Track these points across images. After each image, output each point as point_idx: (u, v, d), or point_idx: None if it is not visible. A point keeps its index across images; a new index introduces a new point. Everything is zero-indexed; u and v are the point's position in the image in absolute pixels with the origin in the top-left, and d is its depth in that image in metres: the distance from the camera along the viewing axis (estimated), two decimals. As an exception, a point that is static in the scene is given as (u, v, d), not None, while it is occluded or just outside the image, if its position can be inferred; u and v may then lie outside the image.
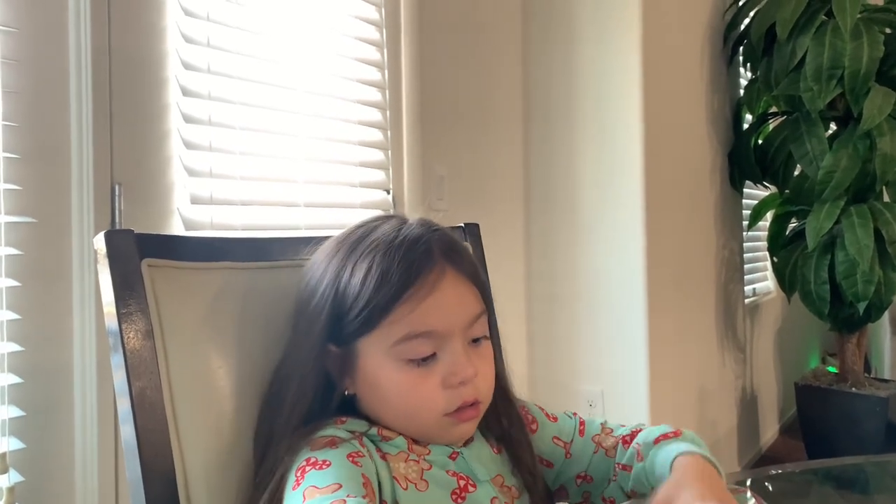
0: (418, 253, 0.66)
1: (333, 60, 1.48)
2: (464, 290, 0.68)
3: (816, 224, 2.37)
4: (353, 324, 0.66)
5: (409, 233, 0.67)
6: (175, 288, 0.68)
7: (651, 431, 0.74)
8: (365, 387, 0.68)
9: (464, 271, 0.69)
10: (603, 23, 2.04)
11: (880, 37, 2.30)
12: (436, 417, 0.67)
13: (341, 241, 0.70)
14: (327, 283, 0.67)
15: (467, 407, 0.68)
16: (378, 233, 0.68)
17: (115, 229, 0.73)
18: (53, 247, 1.01)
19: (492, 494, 0.69)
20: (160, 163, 1.15)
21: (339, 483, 0.58)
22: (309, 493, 0.57)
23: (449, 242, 0.69)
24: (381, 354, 0.66)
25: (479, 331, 0.70)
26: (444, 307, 0.66)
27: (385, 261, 0.65)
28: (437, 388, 0.66)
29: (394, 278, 0.64)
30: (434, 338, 0.66)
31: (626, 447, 0.75)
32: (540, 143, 2.13)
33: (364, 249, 0.67)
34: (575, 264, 2.07)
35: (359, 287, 0.65)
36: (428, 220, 0.71)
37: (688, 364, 2.35)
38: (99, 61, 1.05)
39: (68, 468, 1.02)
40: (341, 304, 0.66)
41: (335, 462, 0.61)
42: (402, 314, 0.64)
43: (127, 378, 0.63)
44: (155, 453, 0.63)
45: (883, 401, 2.52)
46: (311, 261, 0.72)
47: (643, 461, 0.71)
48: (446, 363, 0.66)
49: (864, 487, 1.05)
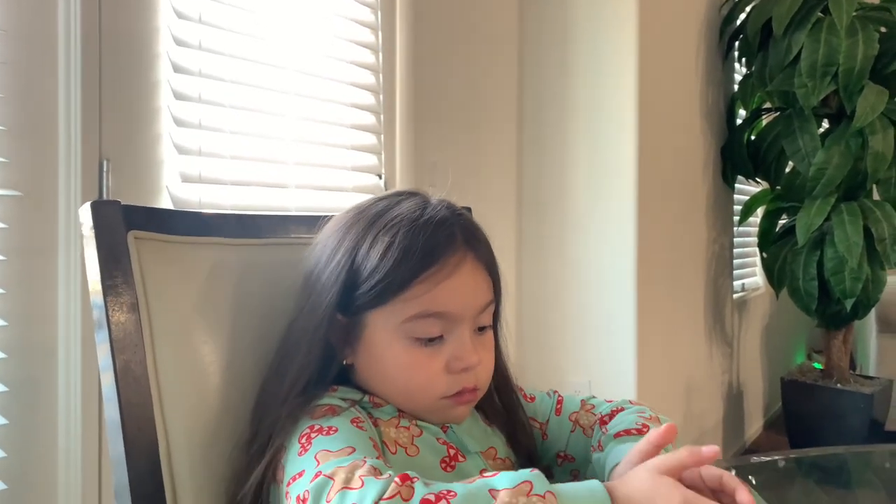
0: (443, 235, 0.66)
1: (327, 41, 1.47)
2: (480, 278, 0.69)
3: (807, 220, 2.38)
4: (366, 295, 0.66)
5: (436, 214, 0.67)
6: (162, 261, 0.67)
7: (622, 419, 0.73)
8: (366, 358, 0.68)
9: (482, 259, 0.69)
10: (598, 16, 2.03)
11: (875, 35, 2.31)
12: (433, 399, 0.67)
13: (361, 212, 0.69)
14: (344, 252, 0.67)
15: (466, 391, 0.68)
16: (402, 208, 0.68)
17: (102, 200, 0.72)
18: (39, 221, 1.00)
19: (481, 466, 0.69)
20: (150, 139, 1.14)
21: (352, 447, 0.58)
22: (322, 457, 0.57)
23: (472, 229, 0.70)
24: (389, 329, 0.66)
25: (486, 319, 0.71)
26: (459, 292, 0.66)
27: (408, 238, 0.65)
28: (440, 371, 0.67)
29: (415, 256, 0.65)
30: (445, 320, 0.66)
31: (601, 428, 0.75)
32: (533, 133, 2.12)
33: (386, 223, 0.66)
34: (565, 256, 2.07)
35: (377, 260, 0.65)
36: (452, 202, 0.71)
37: (676, 357, 2.35)
38: (89, 34, 1.04)
39: (51, 444, 1.01)
40: (356, 275, 0.66)
41: (342, 427, 0.61)
42: (418, 293, 0.65)
43: (111, 351, 0.62)
44: (138, 428, 0.62)
45: (867, 397, 2.54)
46: (326, 230, 0.72)
47: (602, 451, 0.71)
48: (452, 347, 0.67)
49: (846, 480, 1.06)
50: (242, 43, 1.28)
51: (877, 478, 1.09)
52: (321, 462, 0.56)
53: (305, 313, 0.68)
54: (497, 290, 0.72)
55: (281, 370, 0.68)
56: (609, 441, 0.70)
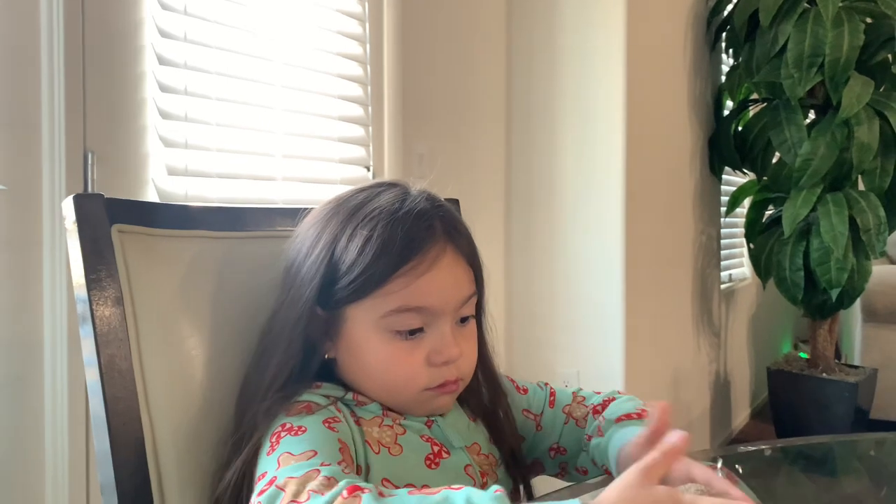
0: (422, 228, 0.66)
1: (314, 32, 1.46)
2: (460, 271, 0.68)
3: (793, 211, 2.40)
4: (345, 290, 0.65)
5: (415, 206, 0.66)
6: (146, 255, 0.67)
7: (619, 406, 0.74)
8: (346, 353, 0.68)
9: (462, 252, 0.69)
10: (586, 7, 2.03)
11: (861, 25, 2.32)
12: (415, 391, 0.67)
13: (341, 204, 0.68)
14: (323, 246, 0.66)
15: (449, 383, 0.68)
16: (381, 200, 0.67)
17: (85, 193, 0.71)
18: (23, 215, 0.99)
19: (465, 462, 0.69)
20: (135, 132, 1.13)
21: (314, 450, 0.58)
22: (284, 460, 0.57)
23: (452, 221, 0.69)
24: (368, 323, 0.66)
25: (468, 311, 0.70)
26: (439, 285, 0.66)
27: (387, 231, 0.64)
28: (421, 364, 0.66)
29: (394, 250, 0.64)
30: (425, 314, 0.66)
31: (595, 417, 0.75)
32: (521, 126, 2.12)
33: (365, 216, 0.66)
34: (553, 248, 2.08)
35: (356, 254, 0.64)
36: (432, 193, 0.70)
37: (663, 347, 2.37)
38: (72, 26, 1.02)
39: (38, 440, 1.00)
40: (335, 269, 0.65)
41: (311, 428, 0.61)
42: (397, 287, 0.64)
43: (95, 346, 0.62)
44: (123, 422, 0.62)
45: (852, 386, 2.56)
46: (305, 222, 0.71)
47: (602, 437, 0.71)
48: (433, 340, 0.66)
49: (831, 468, 1.07)
50: (228, 35, 1.27)
51: (862, 465, 1.11)
52: (281, 465, 0.56)
53: (285, 307, 0.67)
54: (479, 282, 0.71)
55: (262, 364, 0.67)
56: (610, 426, 0.70)
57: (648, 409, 0.71)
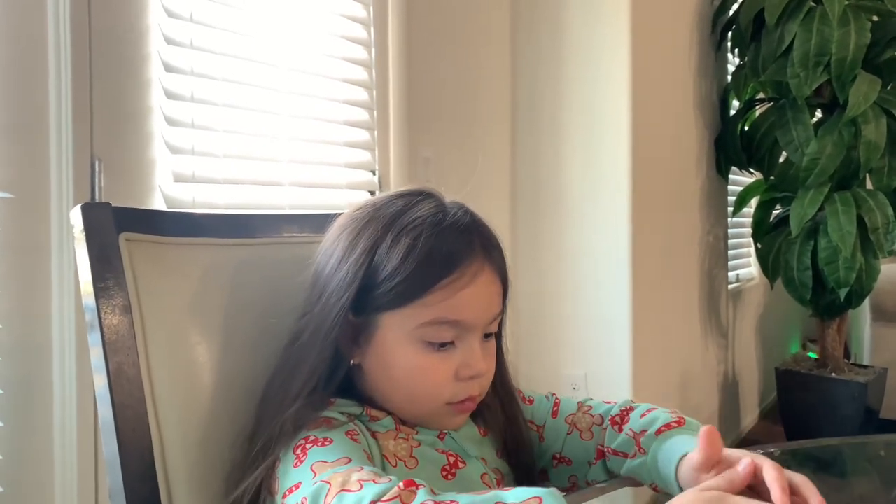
0: (464, 242, 0.66)
1: (319, 37, 1.46)
2: (494, 289, 0.68)
3: (800, 210, 2.39)
4: (384, 296, 0.65)
5: (457, 219, 0.66)
6: (154, 263, 0.67)
7: (653, 418, 0.71)
8: (374, 359, 0.67)
9: (497, 269, 0.69)
10: (591, 7, 2.03)
11: (867, 24, 2.31)
12: (438, 404, 0.67)
13: (377, 210, 0.67)
14: (362, 251, 0.65)
15: (469, 399, 0.68)
16: (421, 210, 0.66)
17: (92, 202, 0.72)
18: (32, 223, 0.99)
19: (482, 470, 0.70)
20: (142, 139, 1.13)
21: (348, 457, 0.58)
22: (319, 468, 0.57)
23: (489, 237, 0.69)
24: (402, 331, 0.65)
25: (494, 328, 0.70)
26: (476, 301, 0.66)
27: (431, 241, 0.64)
28: (449, 377, 0.66)
29: (437, 262, 0.64)
30: (458, 328, 0.66)
31: (616, 429, 0.73)
32: (527, 127, 2.12)
33: (407, 223, 0.65)
34: (560, 249, 2.07)
35: (398, 261, 0.64)
36: (467, 206, 0.70)
37: (671, 348, 2.36)
38: (78, 34, 1.03)
39: (47, 446, 1.01)
40: (374, 274, 0.65)
41: (337, 439, 0.61)
42: (436, 298, 0.64)
43: (104, 354, 0.62)
44: (132, 429, 0.62)
45: (861, 386, 2.55)
46: (337, 226, 0.70)
47: (645, 455, 0.69)
48: (463, 354, 0.66)
49: (841, 469, 1.06)
50: (234, 41, 1.27)
51: (872, 466, 1.10)
52: (318, 473, 0.56)
53: (317, 313, 0.66)
54: (506, 299, 0.71)
55: (291, 369, 0.66)
56: (651, 441, 0.69)
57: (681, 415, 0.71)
